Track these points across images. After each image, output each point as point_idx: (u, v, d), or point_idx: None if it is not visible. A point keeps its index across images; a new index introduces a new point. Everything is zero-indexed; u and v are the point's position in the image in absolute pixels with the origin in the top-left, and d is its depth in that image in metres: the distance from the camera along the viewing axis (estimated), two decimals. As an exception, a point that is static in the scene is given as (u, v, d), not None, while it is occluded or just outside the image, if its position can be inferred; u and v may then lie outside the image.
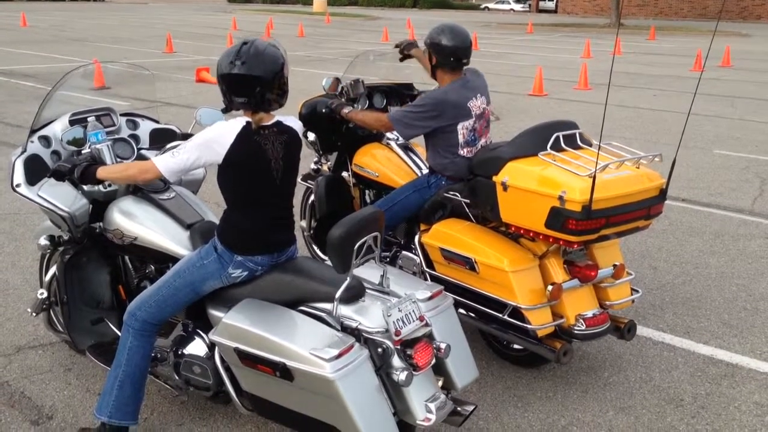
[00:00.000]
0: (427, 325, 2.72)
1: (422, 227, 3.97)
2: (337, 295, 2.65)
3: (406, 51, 4.64)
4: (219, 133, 2.76)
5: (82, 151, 3.39)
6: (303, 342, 2.55)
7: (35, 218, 5.94)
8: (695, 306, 4.75)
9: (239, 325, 2.70)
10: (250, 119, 2.79)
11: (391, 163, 4.46)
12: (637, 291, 3.89)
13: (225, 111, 2.91)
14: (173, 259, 3.13)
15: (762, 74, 17.43)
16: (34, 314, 3.64)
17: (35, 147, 3.45)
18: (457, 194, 3.82)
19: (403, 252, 4.15)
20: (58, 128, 3.52)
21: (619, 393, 3.71)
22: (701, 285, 5.09)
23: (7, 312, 4.41)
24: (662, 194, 3.50)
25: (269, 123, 2.83)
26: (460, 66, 3.94)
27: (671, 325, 4.47)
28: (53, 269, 3.56)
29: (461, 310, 3.63)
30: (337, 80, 4.68)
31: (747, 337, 4.33)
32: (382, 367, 2.62)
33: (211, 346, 2.96)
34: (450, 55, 3.87)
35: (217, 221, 3.06)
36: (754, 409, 3.60)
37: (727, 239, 6.02)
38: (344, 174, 4.74)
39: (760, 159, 8.80)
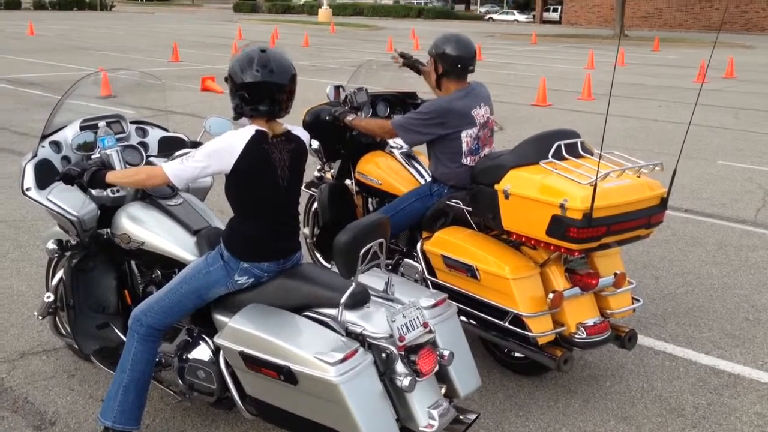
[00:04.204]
0: (430, 331, 2.74)
1: (424, 235, 4.00)
2: (342, 300, 2.68)
3: (418, 65, 4.64)
4: (229, 142, 2.79)
5: (92, 156, 3.43)
6: (308, 346, 2.57)
7: (40, 225, 5.97)
8: (697, 316, 4.76)
9: (245, 329, 2.73)
10: (260, 128, 2.82)
11: (393, 171, 4.48)
12: (639, 300, 3.90)
13: (236, 118, 2.94)
14: (180, 264, 3.16)
15: (766, 86, 17.45)
16: (40, 317, 3.67)
17: (46, 152, 3.49)
18: (459, 202, 3.85)
19: (405, 259, 4.17)
20: (69, 134, 3.57)
21: (621, 402, 3.72)
22: (703, 295, 5.10)
23: (12, 318, 4.44)
24: (663, 203, 3.52)
25: (279, 132, 2.87)
26: (465, 74, 3.98)
27: (673, 334, 4.47)
28: (60, 273, 3.59)
29: (462, 318, 3.64)
30: (337, 89, 4.71)
31: (749, 348, 4.33)
32: (385, 372, 2.64)
33: (216, 350, 2.98)
34: (455, 64, 3.91)
35: (223, 228, 3.09)
36: (755, 419, 3.60)
37: (730, 250, 6.03)
38: (347, 182, 4.77)
39: (763, 170, 8.82)
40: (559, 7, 56.56)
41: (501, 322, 3.56)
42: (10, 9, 52.34)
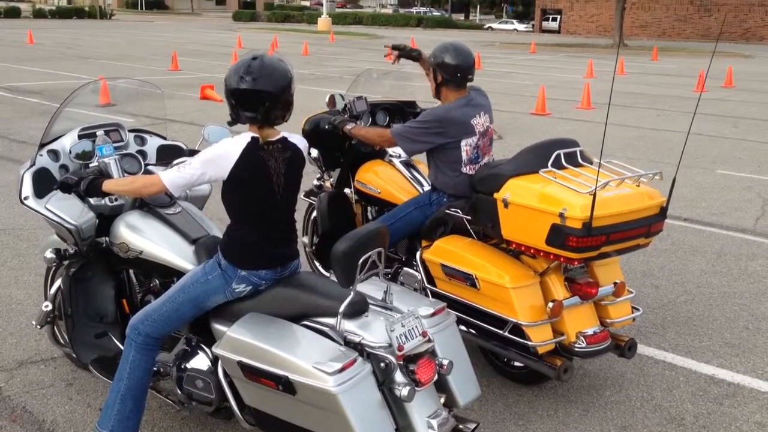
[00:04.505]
0: (429, 341, 2.72)
1: (424, 244, 3.99)
2: (341, 309, 2.67)
3: (413, 53, 4.46)
4: (225, 149, 2.79)
5: (90, 165, 3.43)
6: (306, 356, 2.56)
7: (39, 233, 5.97)
8: (697, 325, 4.75)
9: (243, 339, 2.72)
10: (255, 134, 2.83)
11: (393, 180, 4.48)
12: (638, 309, 3.90)
13: (231, 124, 2.94)
14: (178, 273, 3.15)
15: (764, 95, 17.50)
16: (38, 327, 3.66)
17: (44, 160, 3.49)
18: (459, 211, 3.85)
19: (405, 268, 4.17)
20: (67, 142, 3.57)
21: (621, 412, 3.71)
22: (703, 304, 5.09)
23: (10, 327, 4.43)
24: (662, 212, 3.52)
25: (274, 139, 2.87)
26: (464, 83, 3.98)
27: (673, 344, 4.47)
28: (58, 282, 3.59)
29: (462, 327, 3.64)
30: (332, 97, 4.71)
31: (749, 357, 4.33)
32: (384, 382, 2.62)
33: (214, 360, 2.97)
34: (454, 73, 3.91)
35: (221, 237, 3.09)
36: (755, 429, 3.59)
37: (730, 259, 6.02)
38: (347, 190, 4.77)
39: (762, 179, 8.83)
40: (559, 17, 56.73)
41: (501, 331, 3.55)
42: (9, 17, 52.49)
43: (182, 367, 3.12)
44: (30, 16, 55.62)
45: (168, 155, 3.78)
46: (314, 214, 4.91)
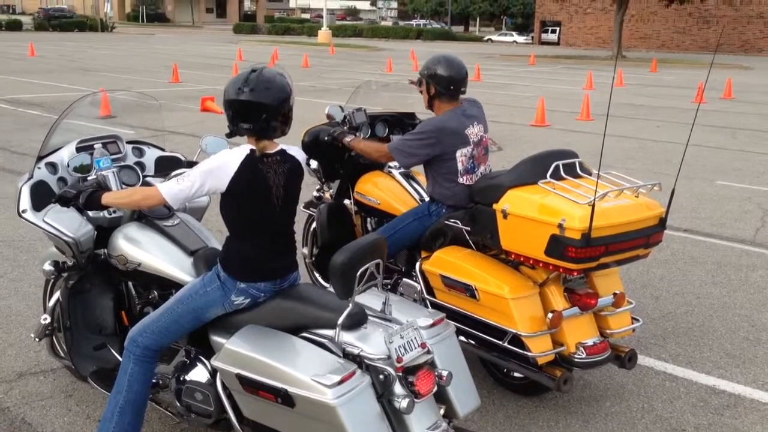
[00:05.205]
0: (428, 352, 2.72)
1: (423, 254, 3.99)
2: (339, 321, 2.66)
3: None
4: (224, 161, 2.79)
5: (88, 178, 3.43)
6: (305, 368, 2.56)
7: (39, 245, 5.97)
8: (697, 336, 4.74)
9: (241, 351, 2.71)
10: (253, 146, 2.83)
11: (392, 191, 4.49)
12: (638, 320, 3.89)
13: (229, 136, 2.95)
14: (176, 285, 3.15)
15: (763, 106, 17.54)
16: (37, 339, 3.65)
17: (42, 173, 3.49)
18: (458, 222, 3.85)
19: (404, 279, 4.17)
20: (65, 155, 3.57)
21: (621, 423, 3.69)
22: (703, 315, 5.08)
23: (10, 338, 4.42)
24: (662, 223, 3.53)
25: (272, 151, 2.87)
26: (457, 95, 3.99)
27: (673, 354, 4.46)
28: (57, 295, 3.58)
29: (461, 338, 3.63)
30: (330, 111, 4.74)
31: (749, 368, 4.31)
32: (383, 394, 2.62)
33: (213, 372, 2.96)
34: (447, 85, 3.93)
35: (220, 248, 3.09)
36: (756, 439, 3.58)
37: (730, 270, 6.02)
38: (346, 202, 4.77)
39: (761, 190, 8.84)
40: (558, 29, 56.95)
41: (500, 342, 3.55)
42: (11, 30, 52.67)
43: (181, 379, 3.11)
44: (31, 28, 55.79)
45: (166, 167, 3.78)
46: (314, 225, 4.92)
